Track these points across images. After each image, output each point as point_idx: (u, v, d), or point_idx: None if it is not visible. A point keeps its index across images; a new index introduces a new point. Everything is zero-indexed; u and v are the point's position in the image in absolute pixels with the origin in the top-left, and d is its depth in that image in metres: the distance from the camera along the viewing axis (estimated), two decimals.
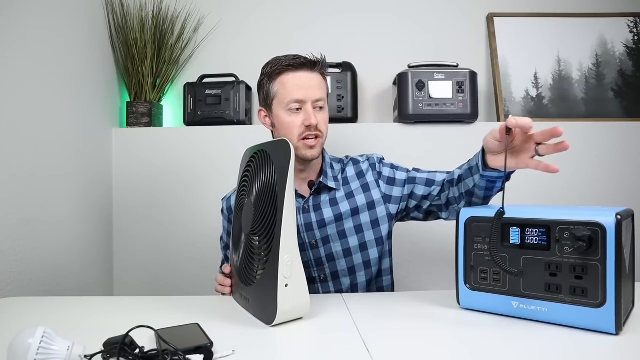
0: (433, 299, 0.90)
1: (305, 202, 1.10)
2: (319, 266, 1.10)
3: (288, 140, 0.79)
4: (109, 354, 0.59)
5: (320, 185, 1.10)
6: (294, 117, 1.04)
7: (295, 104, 1.03)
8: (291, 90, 1.03)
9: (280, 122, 1.06)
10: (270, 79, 1.07)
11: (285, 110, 1.04)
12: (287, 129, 1.05)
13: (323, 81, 1.08)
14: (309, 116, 1.03)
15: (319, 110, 1.06)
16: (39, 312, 0.87)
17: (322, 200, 1.11)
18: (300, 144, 1.04)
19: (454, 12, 1.77)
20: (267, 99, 1.08)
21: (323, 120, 1.06)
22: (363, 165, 1.15)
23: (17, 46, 1.13)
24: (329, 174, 1.12)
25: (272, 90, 1.06)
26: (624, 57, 1.70)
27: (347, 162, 1.17)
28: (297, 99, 1.03)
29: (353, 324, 0.75)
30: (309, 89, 1.03)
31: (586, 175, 1.58)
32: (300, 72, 1.04)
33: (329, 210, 1.10)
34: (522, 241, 0.75)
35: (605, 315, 0.66)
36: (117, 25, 1.62)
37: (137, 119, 1.62)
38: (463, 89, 1.53)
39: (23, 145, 1.14)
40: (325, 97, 1.07)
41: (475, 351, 0.63)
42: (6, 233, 1.08)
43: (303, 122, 1.03)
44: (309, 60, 1.05)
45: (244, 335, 0.71)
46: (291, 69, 1.04)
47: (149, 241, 1.59)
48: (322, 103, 1.06)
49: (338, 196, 1.11)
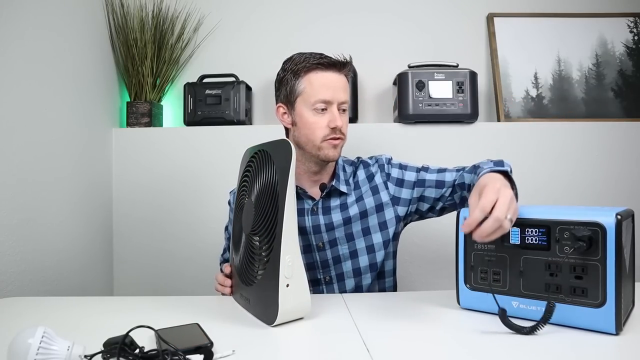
0: (433, 299, 0.90)
1: (315, 204, 1.09)
2: (324, 268, 1.09)
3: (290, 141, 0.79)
4: (109, 354, 0.59)
5: (331, 189, 1.09)
6: (319, 118, 1.02)
7: (322, 104, 1.01)
8: (319, 90, 1.01)
9: (303, 121, 1.04)
10: (296, 75, 1.03)
11: (311, 110, 1.02)
12: (310, 129, 1.03)
13: (348, 84, 1.06)
14: (335, 118, 1.01)
15: (342, 113, 1.04)
16: (39, 312, 0.87)
17: (332, 204, 1.10)
18: (324, 144, 1.02)
19: (454, 12, 1.77)
20: (291, 95, 1.05)
21: (346, 123, 1.06)
22: (372, 168, 1.14)
23: (17, 46, 1.13)
24: (341, 177, 1.11)
25: (297, 87, 1.03)
26: (624, 57, 1.70)
27: (358, 164, 1.16)
28: (324, 99, 1.01)
29: (353, 324, 0.75)
30: (336, 90, 1.02)
31: (586, 175, 1.58)
32: (328, 72, 1.02)
33: (339, 214, 1.09)
34: (522, 241, 0.74)
35: (605, 315, 0.66)
36: (117, 25, 1.62)
37: (137, 119, 1.62)
38: (463, 89, 1.53)
39: (23, 145, 1.14)
40: (349, 100, 1.06)
41: (475, 351, 0.63)
42: (6, 233, 1.08)
43: (328, 123, 1.01)
44: (339, 61, 1.03)
45: (244, 335, 0.71)
46: (320, 67, 1.01)
47: (149, 241, 1.59)
48: (346, 106, 1.05)
49: (349, 201, 1.10)
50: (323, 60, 1.02)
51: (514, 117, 1.66)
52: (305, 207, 1.09)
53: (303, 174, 1.10)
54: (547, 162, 1.58)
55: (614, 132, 1.58)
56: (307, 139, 1.04)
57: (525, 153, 1.59)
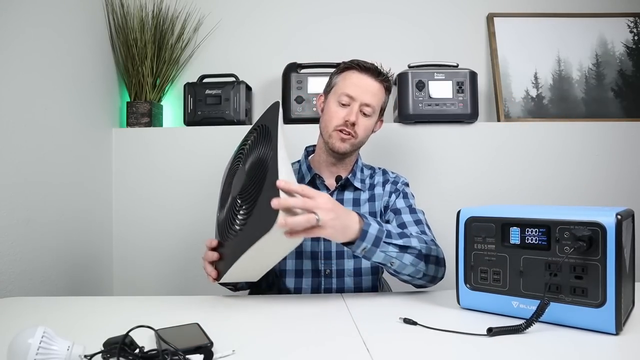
0: (433, 299, 0.90)
1: (330, 194, 1.13)
2: (326, 259, 1.11)
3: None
4: (109, 354, 0.59)
5: (346, 182, 1.14)
6: (339, 109, 1.09)
7: (345, 98, 1.08)
8: (347, 85, 1.09)
9: (327, 109, 1.12)
10: (338, 71, 1.14)
11: (336, 101, 1.10)
12: (328, 116, 1.11)
13: (382, 93, 1.12)
14: (351, 113, 1.08)
15: (363, 115, 1.10)
16: (39, 312, 0.87)
17: (345, 197, 1.14)
18: (334, 134, 1.09)
19: (454, 12, 1.77)
20: (328, 87, 1.16)
21: (363, 125, 1.10)
22: (390, 176, 1.20)
23: (17, 46, 1.13)
24: (357, 175, 1.16)
25: (334, 80, 1.14)
26: (624, 57, 1.70)
27: (378, 170, 1.22)
28: (348, 94, 1.08)
29: (353, 324, 0.75)
30: (363, 91, 1.08)
31: (586, 175, 1.58)
32: (363, 74, 1.10)
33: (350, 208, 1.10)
34: (522, 241, 0.75)
35: (605, 315, 0.66)
36: (117, 25, 1.62)
37: (137, 119, 1.62)
38: (463, 89, 1.53)
39: (23, 145, 1.14)
40: (375, 107, 1.11)
41: (476, 351, 0.63)
42: (6, 233, 1.08)
43: (344, 116, 1.08)
44: (375, 67, 1.11)
45: (244, 335, 0.71)
46: (357, 69, 1.10)
47: (149, 241, 1.59)
48: (370, 110, 1.10)
49: (362, 197, 1.14)
50: (362, 63, 1.10)
51: (514, 117, 1.66)
52: None
53: (322, 163, 1.17)
54: (547, 162, 1.58)
55: (614, 132, 1.58)
56: (324, 124, 1.12)
57: (525, 153, 1.59)
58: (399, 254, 0.91)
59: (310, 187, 0.83)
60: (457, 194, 1.58)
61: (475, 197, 1.57)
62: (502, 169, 1.59)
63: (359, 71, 1.10)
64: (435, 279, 0.99)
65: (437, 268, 0.98)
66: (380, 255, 0.89)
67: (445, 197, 1.57)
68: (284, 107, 1.63)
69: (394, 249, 0.90)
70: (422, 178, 1.58)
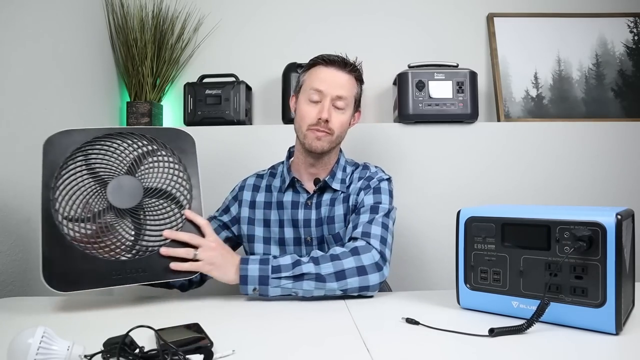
0: (433, 299, 0.90)
1: (309, 198, 1.11)
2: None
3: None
4: (109, 354, 0.59)
5: (325, 185, 1.11)
6: (310, 108, 1.07)
7: (315, 94, 1.06)
8: (314, 80, 1.07)
9: (298, 109, 1.10)
10: (305, 69, 1.12)
11: (306, 99, 1.08)
12: (301, 117, 1.08)
13: (352, 83, 1.09)
14: (323, 110, 1.05)
15: (336, 110, 1.07)
16: (39, 312, 0.87)
17: (323, 199, 1.12)
18: (308, 133, 1.07)
19: (454, 12, 1.77)
20: (297, 86, 1.14)
21: (338, 120, 1.07)
22: (370, 172, 1.13)
23: (17, 46, 1.13)
24: (337, 175, 1.13)
25: (302, 78, 1.12)
26: (624, 57, 1.70)
27: (359, 166, 1.17)
28: (316, 88, 1.06)
29: (353, 324, 0.75)
30: (331, 84, 1.06)
31: (586, 175, 1.58)
32: (329, 68, 1.08)
33: (327, 209, 1.10)
34: (522, 241, 0.74)
35: (605, 315, 0.66)
36: (117, 25, 1.62)
37: (137, 119, 1.61)
38: (463, 89, 1.53)
39: (23, 145, 1.14)
40: (348, 99, 1.08)
41: (476, 351, 0.63)
42: (6, 233, 1.08)
43: (317, 114, 1.05)
44: (341, 59, 1.09)
45: (244, 335, 0.71)
46: (323, 63, 1.08)
47: None
48: (343, 104, 1.07)
49: (339, 197, 1.11)
50: (326, 57, 1.08)
51: (514, 117, 1.66)
52: (300, 200, 1.12)
53: (301, 165, 1.14)
54: (547, 162, 1.58)
55: (614, 132, 1.58)
56: (298, 125, 1.10)
57: (525, 153, 1.59)
58: (295, 284, 0.88)
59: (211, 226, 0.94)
60: (457, 194, 1.58)
61: (475, 197, 1.57)
62: (502, 169, 1.59)
63: (324, 65, 1.07)
64: (369, 288, 0.90)
65: (364, 278, 0.90)
66: (276, 290, 0.89)
67: (445, 197, 1.57)
68: (284, 107, 1.63)
69: (287, 281, 0.88)
70: (422, 178, 1.58)
